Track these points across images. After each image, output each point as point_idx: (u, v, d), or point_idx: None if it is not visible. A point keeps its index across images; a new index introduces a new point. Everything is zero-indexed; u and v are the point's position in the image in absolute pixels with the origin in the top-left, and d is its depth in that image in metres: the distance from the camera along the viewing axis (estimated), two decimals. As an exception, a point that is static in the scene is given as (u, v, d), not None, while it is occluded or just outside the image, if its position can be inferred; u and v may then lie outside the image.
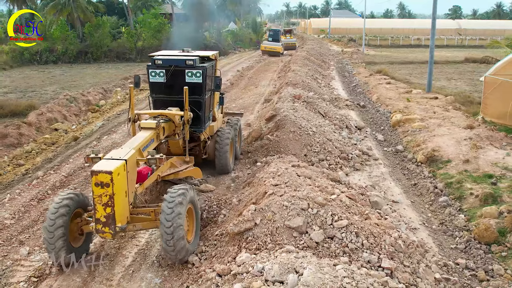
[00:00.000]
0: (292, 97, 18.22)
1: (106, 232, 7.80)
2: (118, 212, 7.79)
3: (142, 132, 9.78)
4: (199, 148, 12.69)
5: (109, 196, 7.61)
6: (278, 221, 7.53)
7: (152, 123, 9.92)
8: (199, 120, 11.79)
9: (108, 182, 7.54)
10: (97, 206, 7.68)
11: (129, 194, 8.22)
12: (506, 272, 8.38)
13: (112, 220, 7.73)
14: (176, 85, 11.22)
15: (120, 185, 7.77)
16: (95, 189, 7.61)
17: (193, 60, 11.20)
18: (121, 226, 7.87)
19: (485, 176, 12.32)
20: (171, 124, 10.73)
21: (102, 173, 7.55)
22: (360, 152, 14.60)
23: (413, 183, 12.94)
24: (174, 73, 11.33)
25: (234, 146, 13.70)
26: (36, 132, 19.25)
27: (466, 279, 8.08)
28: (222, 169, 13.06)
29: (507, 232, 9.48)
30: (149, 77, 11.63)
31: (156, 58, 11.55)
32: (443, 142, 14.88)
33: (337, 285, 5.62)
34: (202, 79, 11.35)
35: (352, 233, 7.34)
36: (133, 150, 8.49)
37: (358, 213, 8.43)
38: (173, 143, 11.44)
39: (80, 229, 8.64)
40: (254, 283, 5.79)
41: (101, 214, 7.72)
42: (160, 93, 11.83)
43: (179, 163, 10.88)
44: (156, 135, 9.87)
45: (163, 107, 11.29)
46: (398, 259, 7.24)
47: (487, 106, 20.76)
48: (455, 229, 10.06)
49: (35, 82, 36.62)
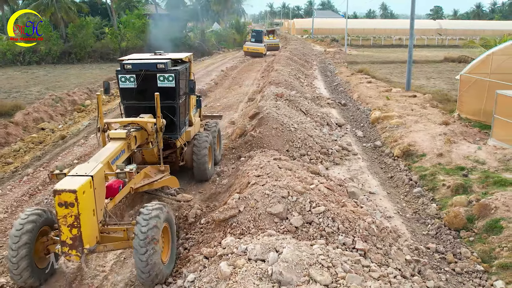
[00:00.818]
0: (274, 95, 18.80)
1: (74, 255, 7.20)
2: (86, 233, 7.21)
3: (111, 143, 9.16)
4: (175, 155, 12.24)
5: (75, 216, 7.02)
6: (261, 208, 8.10)
7: (122, 132, 9.28)
8: (174, 126, 11.27)
9: (72, 201, 6.95)
10: (62, 228, 7.08)
11: (98, 212, 7.61)
12: (472, 255, 9.05)
13: (79, 242, 7.16)
14: (148, 90, 10.65)
15: (86, 204, 7.20)
16: (59, 210, 7.01)
17: (164, 63, 10.71)
18: (89, 248, 7.30)
19: (457, 169, 13.03)
20: (143, 133, 10.09)
21: (65, 192, 6.95)
22: (340, 148, 15.22)
23: (390, 176, 13.62)
24: (145, 77, 10.77)
25: (213, 151, 13.21)
26: (23, 132, 19.50)
27: (435, 262, 8.73)
28: (201, 176, 12.56)
29: (475, 219, 10.17)
30: (119, 83, 11.01)
31: (126, 62, 10.94)
32: (418, 138, 15.59)
33: (313, 261, 6.20)
34: (175, 83, 10.84)
35: (329, 218, 7.93)
36: (101, 164, 7.86)
37: (335, 201, 9.03)
38: (147, 152, 10.89)
39: (46, 248, 8.04)
40: (238, 261, 6.33)
41: (66, 236, 7.11)
42: (131, 99, 11.22)
43: (153, 172, 10.38)
44: (127, 146, 9.28)
45: (135, 114, 10.74)
46: (371, 242, 7.85)
47: (463, 103, 21.60)
48: (427, 217, 10.74)
49: (19, 83, 36.48)
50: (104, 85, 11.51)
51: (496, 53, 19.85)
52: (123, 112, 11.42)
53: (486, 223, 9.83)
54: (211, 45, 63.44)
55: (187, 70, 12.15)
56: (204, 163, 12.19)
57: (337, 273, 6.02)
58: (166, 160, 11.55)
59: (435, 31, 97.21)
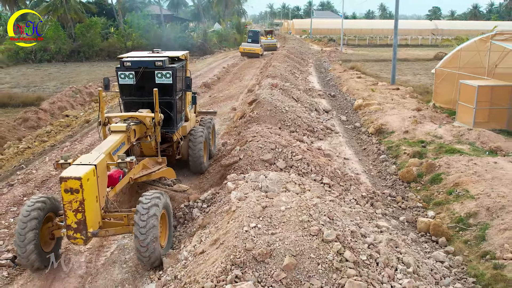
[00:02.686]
0: (270, 85, 21.65)
1: (78, 238, 7.75)
2: (89, 218, 7.74)
3: (112, 135, 9.62)
4: (172, 149, 12.66)
5: (79, 202, 7.54)
6: (255, 156, 11.00)
7: (122, 126, 9.74)
8: (171, 121, 11.77)
9: (77, 188, 7.45)
10: (68, 213, 7.62)
11: (100, 199, 8.14)
12: (416, 197, 11.93)
13: (84, 226, 7.69)
14: (146, 87, 11.10)
15: (90, 191, 7.71)
16: (65, 196, 7.52)
17: (162, 61, 11.14)
18: (92, 232, 7.83)
19: (418, 142, 15.88)
20: (142, 126, 10.53)
21: (71, 179, 7.45)
22: (325, 127, 18.09)
23: (363, 148, 16.51)
24: (144, 74, 11.21)
25: (208, 145, 13.70)
26: (50, 118, 22.42)
27: (387, 201, 11.59)
28: (196, 169, 13.01)
29: (423, 175, 13.04)
30: (119, 80, 11.45)
31: (125, 60, 11.41)
32: (391, 119, 18.46)
33: (289, 180, 9.07)
34: (172, 80, 11.28)
35: (305, 163, 10.82)
36: (103, 155, 8.39)
37: (311, 155, 11.91)
38: (145, 145, 11.32)
39: (51, 233, 8.64)
40: (239, 182, 9.22)
41: (71, 220, 7.65)
42: (130, 95, 11.68)
43: (151, 164, 10.85)
44: (127, 138, 9.75)
45: (134, 109, 11.16)
46: (335, 180, 10.73)
47: (437, 94, 24.50)
48: (387, 175, 13.63)
49: (34, 79, 39.20)
50: (104, 82, 12.02)
51: (463, 49, 22.72)
52: (122, 108, 11.88)
53: (431, 177, 12.71)
54: (213, 45, 66.19)
55: (184, 68, 12.68)
56: (199, 156, 12.63)
57: (305, 187, 8.88)
58: (164, 153, 11.96)
59: (431, 31, 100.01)
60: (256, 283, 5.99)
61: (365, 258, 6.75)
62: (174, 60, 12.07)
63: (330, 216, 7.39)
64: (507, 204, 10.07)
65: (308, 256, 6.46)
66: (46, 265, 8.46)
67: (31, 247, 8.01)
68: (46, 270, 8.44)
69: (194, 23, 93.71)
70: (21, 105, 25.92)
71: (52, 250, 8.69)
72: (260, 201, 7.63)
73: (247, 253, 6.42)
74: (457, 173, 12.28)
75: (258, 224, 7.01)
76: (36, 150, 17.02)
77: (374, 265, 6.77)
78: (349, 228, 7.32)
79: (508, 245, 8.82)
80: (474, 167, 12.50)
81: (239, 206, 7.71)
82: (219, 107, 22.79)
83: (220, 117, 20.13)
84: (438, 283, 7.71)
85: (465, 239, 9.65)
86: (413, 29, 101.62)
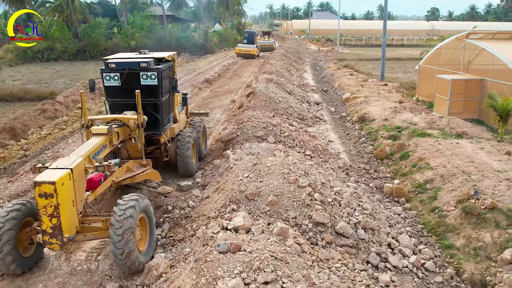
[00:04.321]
0: (266, 80, 23.80)
1: (54, 243, 7.64)
2: (65, 223, 7.61)
3: (93, 138, 9.43)
4: (160, 151, 12.46)
5: (54, 206, 7.43)
6: (250, 133, 13.19)
7: (104, 128, 9.53)
8: (157, 122, 11.57)
9: (51, 192, 7.35)
10: (43, 217, 7.52)
11: (78, 203, 7.99)
12: (386, 170, 14.11)
13: (59, 231, 7.57)
14: (132, 88, 10.67)
15: (65, 195, 7.59)
16: (39, 200, 7.42)
17: (147, 62, 10.94)
18: (68, 237, 7.70)
19: (395, 128, 18.03)
20: (126, 129, 10.34)
21: (45, 183, 7.35)
22: (314, 116, 20.26)
23: (347, 133, 18.70)
24: (129, 76, 11.01)
25: (197, 147, 13.44)
26: (65, 109, 24.62)
27: (361, 173, 13.75)
28: (184, 172, 12.75)
29: (395, 153, 15.21)
30: (104, 81, 11.24)
31: (110, 61, 11.21)
32: (373, 109, 20.64)
33: (276, 148, 11.23)
34: (157, 81, 11.11)
35: (291, 139, 13.01)
36: (81, 158, 8.25)
37: (297, 134, 14.08)
38: (131, 147, 11.09)
39: (30, 238, 8.48)
40: (236, 150, 11.40)
41: (47, 225, 7.53)
42: (115, 97, 11.45)
43: (136, 166, 10.63)
44: (108, 141, 9.56)
45: (119, 111, 10.99)
46: (316, 153, 12.89)
47: (420, 88, 26.67)
48: (364, 154, 15.80)
49: (44, 76, 41.27)
50: (90, 84, 12.02)
51: (442, 48, 24.92)
52: (108, 110, 11.67)
53: (400, 154, 14.88)
54: (213, 44, 68.42)
55: (171, 69, 12.46)
56: (187, 158, 12.41)
57: (289, 154, 11.04)
58: (151, 155, 11.89)
59: (427, 31, 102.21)
60: (248, 213, 8.14)
61: (330, 200, 8.92)
62: (160, 61, 11.91)
63: (306, 171, 9.56)
64: (457, 172, 12.24)
65: (287, 196, 8.64)
66: (24, 270, 8.34)
67: (6, 249, 7.85)
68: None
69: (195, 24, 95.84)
70: (36, 99, 28.04)
71: (32, 255, 8.56)
72: (252, 160, 9.81)
73: (241, 193, 8.60)
74: (422, 151, 14.45)
75: (250, 174, 9.19)
76: (57, 136, 19.20)
77: (337, 206, 8.93)
78: (320, 180, 9.50)
79: (453, 201, 11.00)
80: (438, 146, 14.67)
81: (236, 163, 9.91)
82: (219, 100, 24.98)
83: (221, 108, 22.32)
84: (392, 226, 9.88)
85: (421, 199, 11.82)
86: (411, 30, 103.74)
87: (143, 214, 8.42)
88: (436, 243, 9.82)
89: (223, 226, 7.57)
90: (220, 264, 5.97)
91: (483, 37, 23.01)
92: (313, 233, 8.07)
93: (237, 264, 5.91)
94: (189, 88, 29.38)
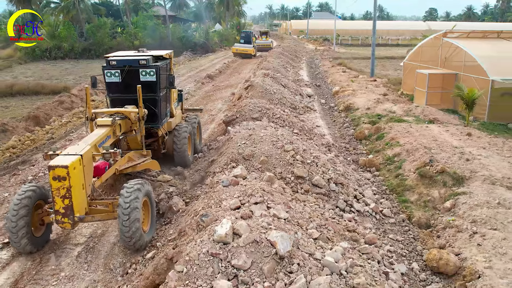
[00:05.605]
0: (263, 75, 26.24)
1: (66, 222, 8.32)
2: (76, 204, 8.27)
3: (98, 129, 10.04)
4: (157, 143, 13.16)
5: (67, 188, 8.07)
6: (247, 115, 15.65)
7: (108, 120, 10.19)
8: (155, 116, 12.26)
9: (64, 175, 7.98)
10: (56, 199, 8.14)
11: (86, 187, 8.63)
12: (363, 148, 16.56)
13: (71, 211, 8.25)
14: (132, 84, 11.42)
15: (76, 178, 8.22)
16: (53, 183, 8.06)
17: (146, 59, 11.58)
18: (79, 216, 8.35)
19: (376, 115, 20.46)
20: (127, 121, 10.97)
21: (58, 167, 8.00)
22: (305, 106, 22.70)
23: (333, 120, 21.16)
24: (129, 72, 11.62)
25: (192, 141, 14.22)
26: (80, 101, 27.04)
27: (342, 150, 16.18)
28: (181, 163, 13.45)
29: (372, 135, 17.65)
30: (105, 78, 11.92)
31: (111, 59, 11.84)
32: (358, 100, 23.09)
33: (268, 125, 13.68)
34: (155, 78, 11.79)
35: (281, 120, 15.49)
36: (89, 146, 8.89)
37: (287, 116, 16.53)
38: (131, 139, 11.68)
39: (41, 219, 9.20)
40: (236, 127, 13.83)
41: (59, 205, 8.18)
42: (116, 92, 12.11)
43: (136, 157, 11.35)
44: (112, 132, 10.20)
45: (120, 105, 11.60)
46: (303, 132, 15.34)
47: (405, 83, 29.11)
48: (346, 136, 18.24)
49: (54, 73, 43.45)
50: (92, 80, 12.72)
51: (423, 46, 27.39)
52: (109, 104, 12.35)
53: (377, 136, 17.33)
54: (214, 44, 70.84)
55: (168, 66, 13.16)
56: (183, 151, 13.18)
57: (278, 129, 13.48)
58: (149, 148, 12.46)
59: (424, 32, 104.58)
60: (244, 168, 10.58)
61: (310, 162, 11.36)
62: (158, 59, 12.56)
63: (291, 141, 12.02)
64: (420, 147, 14.66)
65: (275, 157, 11.09)
66: (37, 248, 9.13)
67: (22, 233, 8.58)
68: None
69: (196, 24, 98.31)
70: (51, 93, 30.47)
71: (43, 235, 9.34)
72: (248, 132, 12.28)
73: (239, 155, 11.06)
74: (395, 133, 16.89)
75: (246, 142, 11.66)
76: (77, 123, 21.63)
77: (314, 165, 11.38)
78: (302, 148, 11.97)
79: (413, 169, 13.43)
80: (409, 129, 17.10)
81: (235, 134, 12.41)
82: (220, 92, 27.45)
83: (222, 99, 24.80)
84: (360, 185, 12.32)
85: (389, 169, 14.27)
86: (407, 30, 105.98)
87: (146, 198, 9.20)
88: (395, 199, 12.27)
89: (225, 175, 10.02)
90: (223, 192, 8.41)
91: (459, 36, 25.44)
92: (295, 184, 10.50)
93: (236, 192, 8.33)
94: (193, 83, 31.85)
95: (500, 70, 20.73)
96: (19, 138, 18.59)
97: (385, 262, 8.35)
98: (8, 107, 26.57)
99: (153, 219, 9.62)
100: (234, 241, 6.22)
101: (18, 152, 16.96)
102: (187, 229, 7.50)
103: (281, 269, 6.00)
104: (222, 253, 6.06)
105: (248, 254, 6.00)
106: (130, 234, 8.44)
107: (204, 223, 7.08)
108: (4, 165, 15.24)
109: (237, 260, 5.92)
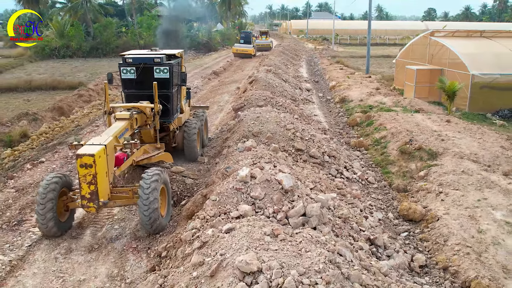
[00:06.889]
0: (265, 70, 28.55)
1: (91, 206, 8.92)
2: (101, 189, 8.86)
3: (117, 122, 10.61)
4: (168, 138, 13.74)
5: (92, 175, 8.64)
6: (253, 103, 17.96)
7: (126, 114, 10.83)
8: (168, 112, 12.83)
9: (91, 163, 8.54)
10: (82, 185, 8.73)
11: (109, 174, 9.23)
12: (355, 133, 18.88)
13: (96, 196, 8.82)
14: (146, 81, 11.98)
15: (101, 166, 8.78)
16: (80, 170, 8.63)
17: (160, 58, 12.16)
18: (103, 201, 8.95)
19: (368, 106, 22.77)
20: (143, 116, 11.57)
21: (85, 156, 8.57)
22: (304, 99, 25.01)
23: (330, 110, 23.49)
24: (144, 70, 12.16)
25: (201, 135, 14.93)
26: (97, 95, 29.35)
27: (335, 134, 18.47)
28: (190, 157, 14.10)
29: (363, 122, 19.97)
30: (121, 75, 12.45)
31: (127, 57, 12.33)
32: (352, 93, 25.42)
33: (271, 111, 15.97)
34: (169, 75, 12.36)
35: (283, 107, 17.79)
36: (111, 137, 9.48)
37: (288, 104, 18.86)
38: (145, 133, 12.31)
39: (66, 205, 9.80)
40: (245, 111, 16.13)
41: (85, 191, 8.77)
42: (131, 88, 12.64)
43: (151, 149, 11.98)
44: (130, 125, 10.74)
45: (134, 101, 11.96)
46: (302, 117, 17.65)
47: (397, 79, 31.41)
48: (340, 123, 20.56)
49: (65, 71, 45.24)
50: (108, 76, 13.23)
51: (413, 44, 29.72)
52: (124, 100, 12.88)
53: (367, 122, 19.64)
54: (216, 43, 73.10)
55: (179, 64, 13.83)
56: (193, 145, 13.86)
57: (280, 114, 15.78)
58: (161, 141, 12.95)
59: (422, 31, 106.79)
60: (254, 142, 12.87)
61: (308, 138, 13.69)
62: (171, 57, 13.22)
63: (292, 122, 14.35)
64: (403, 130, 16.96)
65: (278, 134, 13.44)
66: (62, 233, 9.74)
67: (49, 215, 9.18)
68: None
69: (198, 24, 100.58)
70: (67, 88, 32.68)
71: (67, 220, 9.97)
72: (255, 115, 14.61)
73: (249, 132, 13.40)
74: (383, 120, 19.19)
75: (254, 122, 13.99)
76: (98, 113, 23.95)
77: (311, 141, 13.70)
78: (302, 128, 14.28)
79: (395, 147, 15.74)
80: (396, 117, 19.39)
81: (245, 117, 14.73)
82: (226, 87, 29.76)
83: (228, 93, 27.12)
84: (350, 160, 14.64)
85: (375, 148, 16.58)
86: (406, 30, 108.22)
87: (163, 185, 9.86)
88: (380, 171, 14.59)
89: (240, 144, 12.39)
90: (239, 155, 10.76)
91: (445, 35, 27.76)
92: (295, 155, 12.82)
93: (249, 155, 10.67)
94: (200, 79, 34.14)
95: (480, 66, 23.04)
96: (48, 125, 20.90)
97: (366, 212, 10.66)
98: (30, 100, 28.77)
99: (169, 205, 10.35)
100: (251, 180, 8.59)
101: (51, 137, 19.25)
102: (215, 178, 9.83)
103: (285, 198, 8.36)
104: (244, 188, 8.42)
105: (262, 188, 8.37)
106: (151, 222, 9.25)
107: (228, 173, 9.41)
108: (43, 146, 17.53)
109: (254, 192, 8.30)
